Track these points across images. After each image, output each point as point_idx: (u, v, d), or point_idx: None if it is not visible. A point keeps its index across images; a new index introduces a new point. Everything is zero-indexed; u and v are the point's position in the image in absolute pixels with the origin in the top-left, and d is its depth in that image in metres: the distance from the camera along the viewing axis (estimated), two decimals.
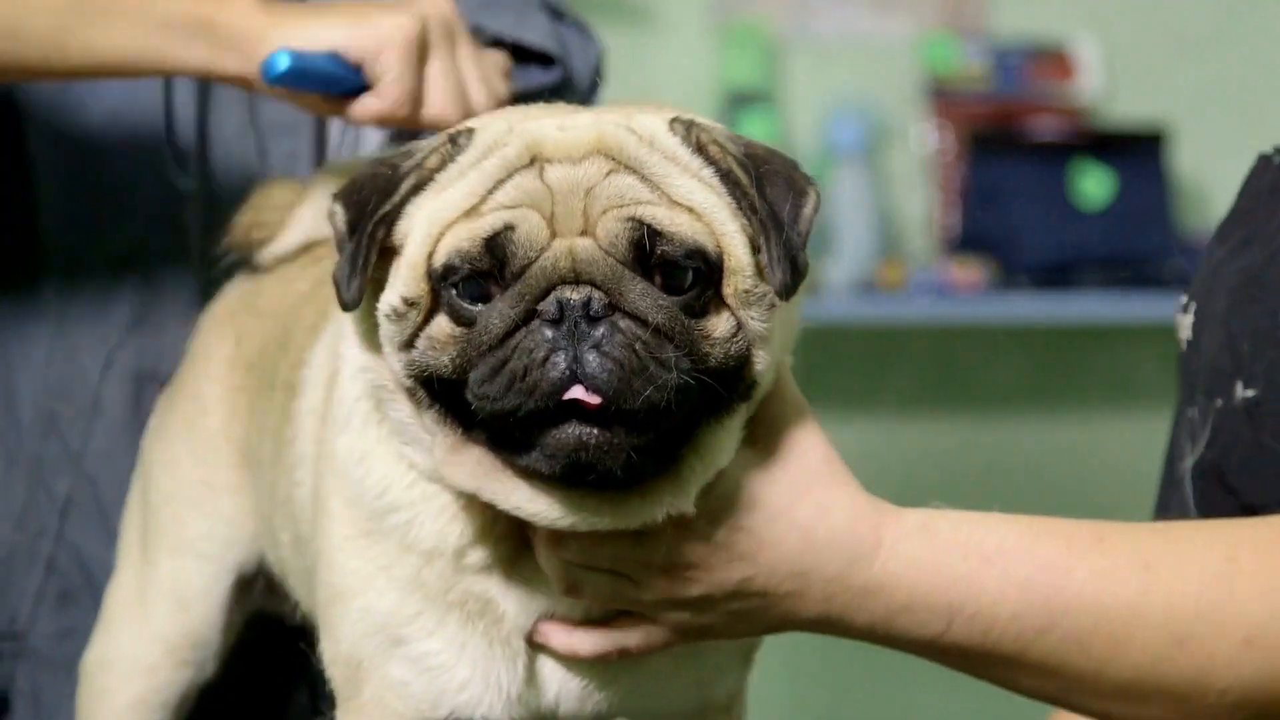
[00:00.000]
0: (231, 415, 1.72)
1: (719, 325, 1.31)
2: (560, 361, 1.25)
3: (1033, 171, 4.09)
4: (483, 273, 1.28)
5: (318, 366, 1.55)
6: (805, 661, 4.28)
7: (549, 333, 1.26)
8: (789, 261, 1.30)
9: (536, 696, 1.43)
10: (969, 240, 4.15)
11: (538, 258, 1.27)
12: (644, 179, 1.30)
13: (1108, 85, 4.40)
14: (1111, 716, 1.37)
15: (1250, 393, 1.44)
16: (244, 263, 1.83)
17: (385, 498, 1.40)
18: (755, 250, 1.32)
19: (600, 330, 1.25)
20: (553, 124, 1.34)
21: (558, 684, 1.43)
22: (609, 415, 1.26)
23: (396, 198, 1.32)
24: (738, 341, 1.31)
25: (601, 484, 1.29)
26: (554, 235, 1.28)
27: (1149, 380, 4.45)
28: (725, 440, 1.34)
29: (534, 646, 1.42)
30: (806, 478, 1.36)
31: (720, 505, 1.34)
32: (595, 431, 1.26)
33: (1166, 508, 1.59)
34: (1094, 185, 4.11)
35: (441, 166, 1.33)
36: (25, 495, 1.89)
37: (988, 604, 1.33)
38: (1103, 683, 1.33)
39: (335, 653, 1.45)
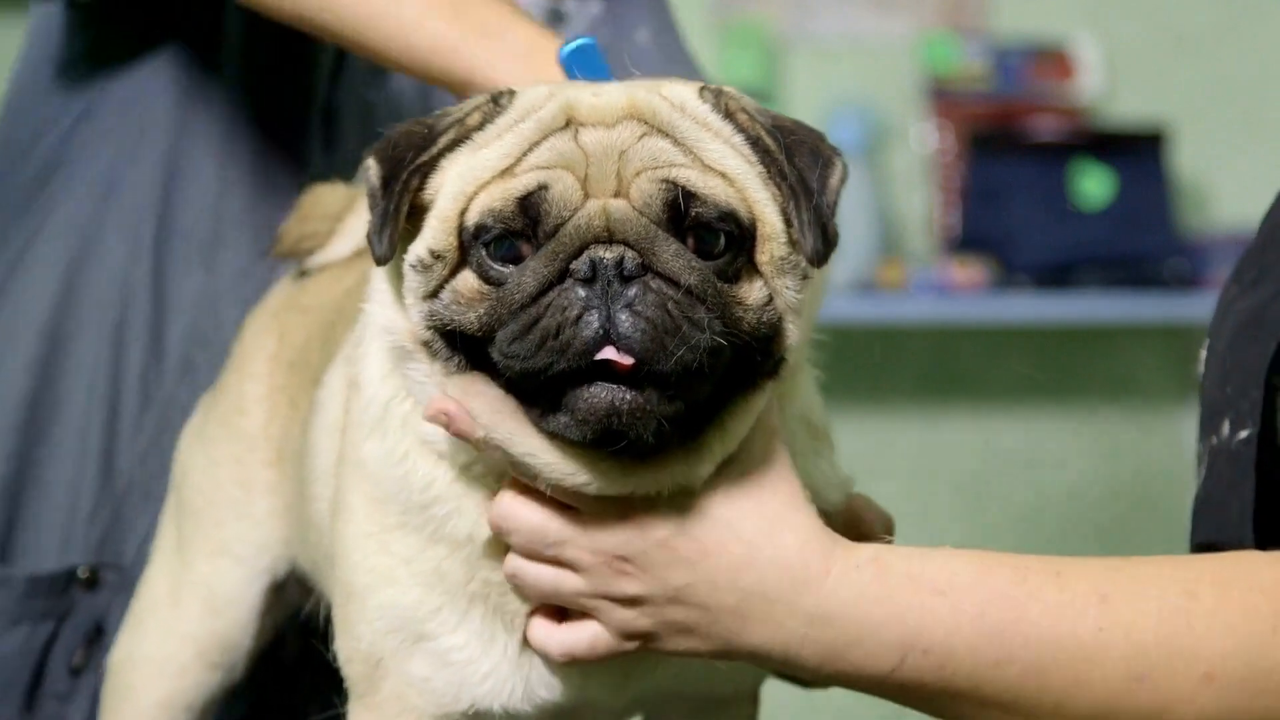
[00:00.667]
0: (271, 415, 1.72)
1: (751, 292, 1.31)
2: (593, 320, 1.25)
3: (1033, 171, 4.09)
4: (515, 232, 1.29)
5: (334, 387, 1.55)
6: None
7: (582, 291, 1.26)
8: (819, 228, 1.31)
9: (563, 685, 1.42)
10: (969, 240, 4.15)
11: (571, 217, 1.28)
12: (677, 143, 1.31)
13: (1108, 85, 4.40)
14: None
15: (1244, 433, 1.42)
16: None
17: (430, 491, 1.39)
18: (786, 220, 1.32)
19: (633, 290, 1.25)
20: (588, 91, 1.35)
21: (584, 679, 1.42)
22: (641, 377, 1.25)
23: (434, 149, 1.33)
24: (770, 310, 1.31)
25: (628, 452, 1.29)
26: (587, 196, 1.29)
27: (1149, 380, 4.45)
28: (747, 419, 1.34)
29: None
30: (764, 498, 1.35)
31: (669, 506, 1.34)
32: (628, 396, 1.25)
33: None
34: (1094, 185, 4.10)
35: (482, 124, 1.34)
36: (154, 434, 1.95)
37: (941, 638, 1.31)
38: (1061, 718, 1.32)
39: (353, 650, 1.45)
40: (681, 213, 1.28)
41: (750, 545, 1.33)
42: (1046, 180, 4.09)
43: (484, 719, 1.43)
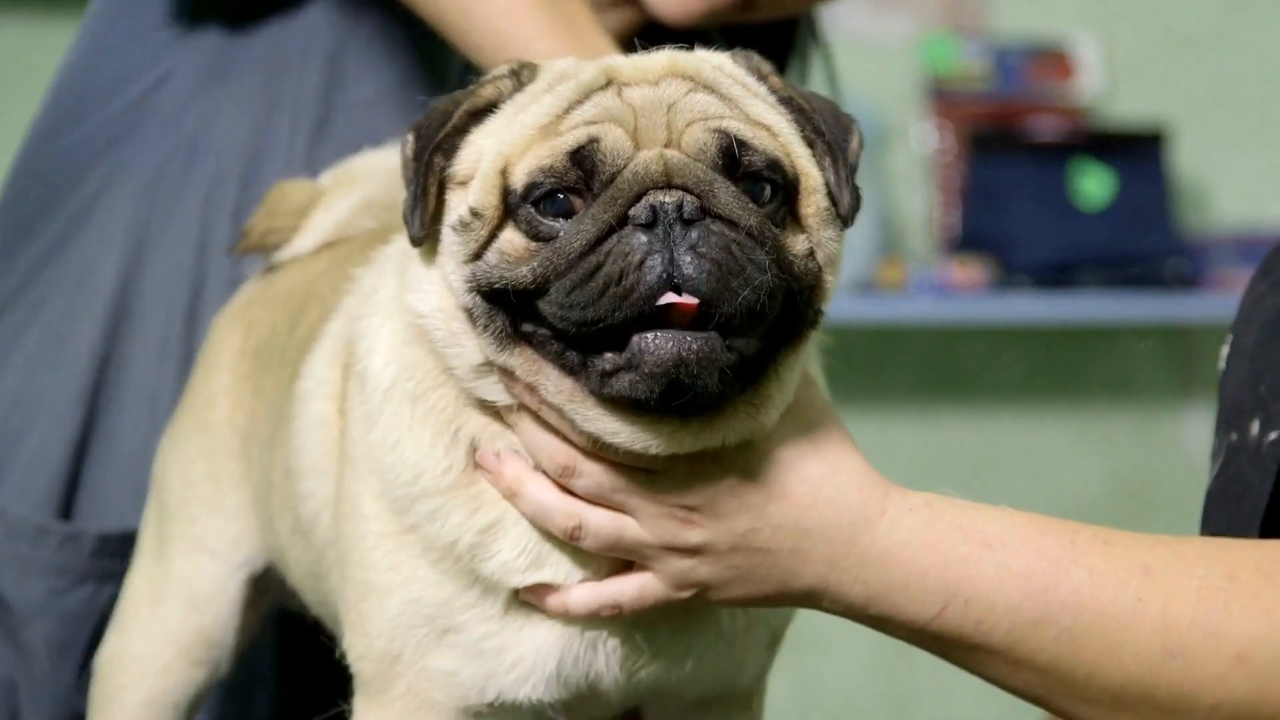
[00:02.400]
0: (236, 404, 1.72)
1: (796, 243, 1.34)
2: (656, 265, 1.25)
3: (1033, 171, 4.09)
4: (568, 187, 1.29)
5: (318, 379, 1.55)
6: (805, 659, 4.28)
7: (643, 237, 1.26)
8: (852, 186, 1.35)
9: (582, 674, 1.43)
10: (969, 240, 4.15)
11: (626, 165, 1.29)
12: (722, 98, 1.34)
13: (1108, 85, 4.40)
14: None
15: (1274, 434, 1.42)
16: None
17: (416, 485, 1.40)
18: (824, 176, 1.36)
19: (695, 233, 1.26)
20: (624, 57, 1.38)
21: (605, 662, 1.43)
22: (704, 320, 1.26)
23: (449, 126, 1.34)
24: (812, 260, 1.34)
25: (690, 409, 1.29)
26: (637, 148, 1.30)
27: (1149, 380, 4.45)
28: (797, 369, 1.36)
29: (525, 603, 1.41)
30: (818, 437, 1.37)
31: (734, 452, 1.35)
32: (694, 345, 1.25)
33: None
34: (1094, 185, 4.10)
35: (497, 97, 1.36)
36: None
37: (984, 591, 1.32)
38: (1092, 687, 1.33)
39: (368, 647, 1.44)
40: (735, 160, 1.30)
41: (813, 487, 1.35)
42: (1046, 180, 4.08)
43: (502, 711, 1.43)
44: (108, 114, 1.97)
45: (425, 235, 1.35)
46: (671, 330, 1.25)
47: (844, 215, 1.36)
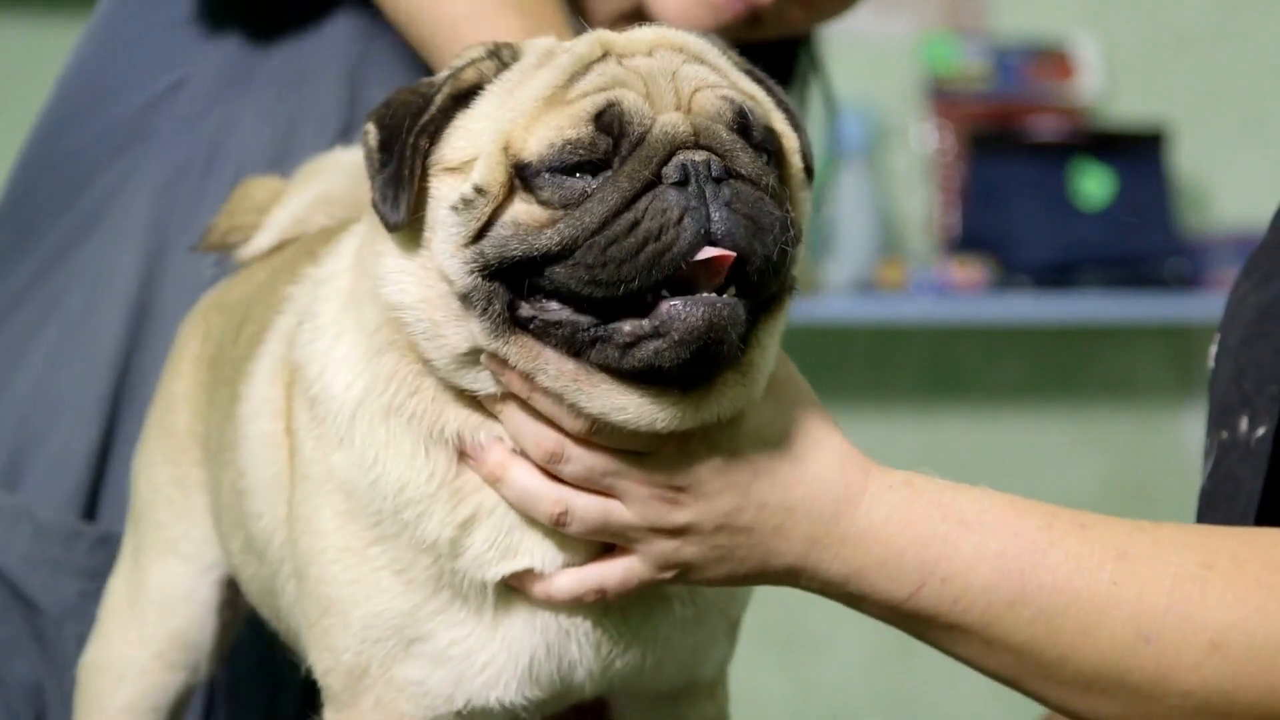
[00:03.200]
0: (195, 414, 1.71)
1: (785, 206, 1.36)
2: (693, 221, 1.28)
3: (1033, 171, 4.09)
4: (592, 151, 1.30)
5: (260, 399, 1.54)
6: (805, 659, 4.28)
7: (676, 194, 1.28)
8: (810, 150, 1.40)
9: (555, 668, 1.42)
10: (969, 240, 4.15)
11: (652, 126, 1.31)
12: (712, 68, 1.36)
13: (1108, 85, 4.40)
14: (1069, 708, 1.36)
15: (1261, 429, 1.43)
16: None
17: (403, 495, 1.38)
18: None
19: (726, 190, 1.29)
20: (607, 31, 1.39)
21: (579, 651, 1.42)
22: (726, 282, 1.28)
23: (433, 109, 1.34)
24: (794, 223, 1.35)
25: (695, 381, 1.31)
26: (653, 112, 1.32)
27: (1149, 380, 4.45)
28: (777, 337, 1.37)
29: (511, 588, 1.40)
30: (799, 415, 1.37)
31: (720, 431, 1.35)
32: (723, 308, 1.27)
33: None
34: (1094, 185, 4.11)
35: (480, 79, 1.36)
36: None
37: (960, 569, 1.33)
38: (1066, 670, 1.33)
39: (334, 662, 1.43)
40: (747, 125, 1.33)
41: (798, 464, 1.35)
42: (1046, 180, 4.09)
43: (472, 718, 1.43)
44: (121, 113, 1.96)
45: (403, 223, 1.33)
46: (699, 295, 1.27)
47: (811, 177, 1.40)
